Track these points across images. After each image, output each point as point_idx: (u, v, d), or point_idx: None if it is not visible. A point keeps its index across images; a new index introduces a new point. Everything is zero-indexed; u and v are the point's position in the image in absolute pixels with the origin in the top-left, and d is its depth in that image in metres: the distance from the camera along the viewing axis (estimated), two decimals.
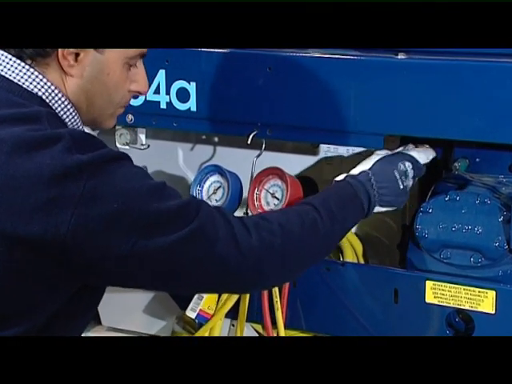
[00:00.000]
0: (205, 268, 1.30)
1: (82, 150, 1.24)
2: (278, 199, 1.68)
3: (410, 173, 1.60)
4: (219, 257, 1.30)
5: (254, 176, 1.71)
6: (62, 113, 1.37)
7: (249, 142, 1.72)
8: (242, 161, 1.81)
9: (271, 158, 1.82)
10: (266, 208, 1.69)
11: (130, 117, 1.85)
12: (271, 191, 1.69)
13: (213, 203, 1.75)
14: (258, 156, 1.74)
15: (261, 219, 1.39)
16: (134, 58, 1.42)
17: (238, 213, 1.75)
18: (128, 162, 1.31)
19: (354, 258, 1.84)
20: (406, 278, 1.65)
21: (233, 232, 1.32)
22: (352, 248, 1.85)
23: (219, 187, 1.75)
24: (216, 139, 1.99)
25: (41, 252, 1.23)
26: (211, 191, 1.75)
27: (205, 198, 1.76)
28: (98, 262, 1.25)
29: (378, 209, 1.57)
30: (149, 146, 1.95)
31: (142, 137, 1.94)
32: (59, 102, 1.36)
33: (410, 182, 1.60)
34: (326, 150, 1.89)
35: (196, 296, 1.76)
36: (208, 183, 1.76)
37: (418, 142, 1.68)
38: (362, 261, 1.85)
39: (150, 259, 1.26)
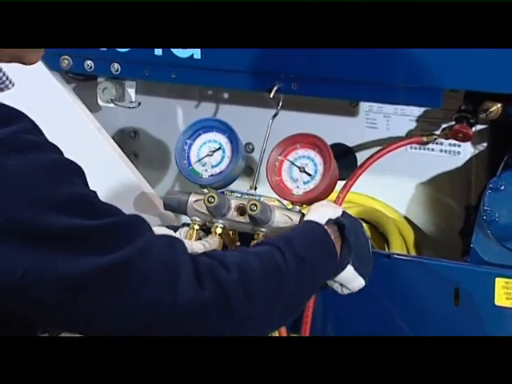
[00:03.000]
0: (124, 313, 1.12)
1: None
2: (309, 175, 1.44)
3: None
4: (147, 302, 1.12)
5: (277, 143, 1.49)
6: None
7: (271, 97, 1.59)
8: (256, 122, 1.68)
9: (291, 120, 1.72)
10: (291, 186, 1.45)
11: (115, 66, 1.72)
12: (298, 164, 1.45)
13: (206, 168, 1.49)
14: (275, 116, 1.57)
15: (218, 263, 1.22)
16: None
17: (244, 185, 1.58)
18: (46, 152, 1.11)
19: (403, 248, 1.76)
20: (470, 274, 1.54)
21: (178, 275, 1.15)
22: (400, 236, 1.78)
23: (218, 149, 1.49)
24: (225, 95, 1.91)
25: None
26: (204, 153, 1.49)
27: (193, 160, 1.49)
28: None
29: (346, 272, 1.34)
30: (139, 103, 1.85)
31: (131, 92, 1.84)
32: None
33: None
34: (368, 109, 1.80)
35: None
36: (199, 142, 1.49)
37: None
38: (413, 252, 1.79)
39: (53, 288, 1.08)
